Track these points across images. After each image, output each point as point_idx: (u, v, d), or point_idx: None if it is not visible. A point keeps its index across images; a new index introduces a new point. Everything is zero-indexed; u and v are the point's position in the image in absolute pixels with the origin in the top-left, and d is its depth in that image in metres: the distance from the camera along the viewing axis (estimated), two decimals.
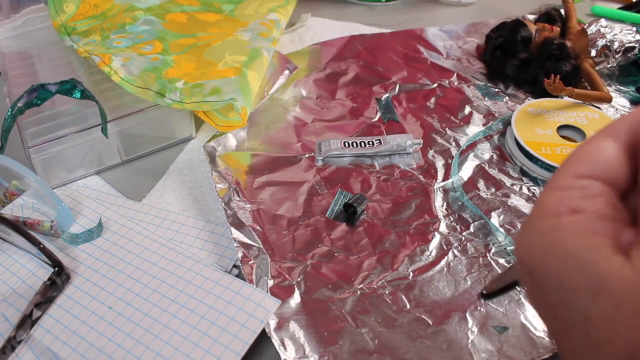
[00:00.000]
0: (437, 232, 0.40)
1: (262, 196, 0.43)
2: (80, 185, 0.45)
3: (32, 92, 0.42)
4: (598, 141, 0.21)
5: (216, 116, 0.46)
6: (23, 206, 0.42)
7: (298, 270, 0.38)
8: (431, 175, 0.45)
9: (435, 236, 0.40)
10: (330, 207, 0.42)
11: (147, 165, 0.48)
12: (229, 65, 0.48)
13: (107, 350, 0.33)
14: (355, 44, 0.61)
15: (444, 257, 0.39)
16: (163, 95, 0.45)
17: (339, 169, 0.46)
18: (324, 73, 0.57)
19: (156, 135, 0.48)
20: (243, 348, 0.32)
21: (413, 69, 0.58)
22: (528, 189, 0.44)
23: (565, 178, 0.20)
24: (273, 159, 0.47)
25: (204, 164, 0.47)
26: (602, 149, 0.21)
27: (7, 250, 0.39)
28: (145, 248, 0.39)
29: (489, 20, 0.66)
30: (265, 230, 0.40)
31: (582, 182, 0.20)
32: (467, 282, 0.37)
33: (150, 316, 0.34)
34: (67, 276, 0.37)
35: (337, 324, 0.34)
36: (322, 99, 0.54)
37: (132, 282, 0.37)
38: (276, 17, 0.57)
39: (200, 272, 0.37)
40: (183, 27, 0.55)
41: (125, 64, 0.47)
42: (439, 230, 0.40)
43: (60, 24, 0.53)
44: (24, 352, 0.33)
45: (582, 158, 0.21)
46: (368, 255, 0.39)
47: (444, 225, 0.41)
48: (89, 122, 0.44)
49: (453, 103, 0.53)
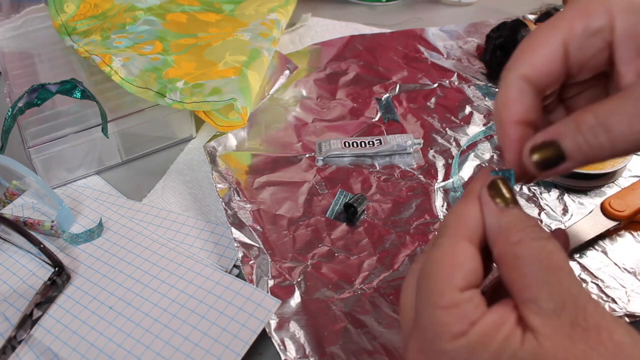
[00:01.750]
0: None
1: (262, 196, 0.43)
2: (81, 185, 0.45)
3: (32, 92, 0.42)
4: (463, 247, 0.23)
5: (216, 116, 0.46)
6: (23, 206, 0.42)
7: (298, 270, 0.38)
8: (431, 175, 0.45)
9: None
10: (330, 207, 0.42)
11: (147, 165, 0.48)
12: (230, 65, 0.48)
13: (107, 350, 0.33)
14: (355, 44, 0.61)
15: None
16: (163, 95, 0.45)
17: (339, 169, 0.46)
18: (324, 73, 0.57)
19: (156, 135, 0.48)
20: (243, 348, 0.32)
21: (413, 69, 0.58)
22: (528, 189, 0.44)
23: (451, 294, 0.22)
24: (273, 159, 0.47)
25: (204, 164, 0.47)
26: (467, 255, 0.23)
27: (7, 250, 0.39)
28: (145, 248, 0.39)
29: (489, 20, 0.66)
30: (266, 230, 0.40)
31: (467, 295, 0.22)
32: None
33: (151, 316, 0.34)
34: (68, 276, 0.37)
35: (337, 324, 0.34)
36: (323, 99, 0.54)
37: (133, 282, 0.37)
38: (276, 17, 0.57)
39: (200, 272, 0.37)
40: (183, 27, 0.55)
41: (126, 64, 0.47)
42: None
43: (60, 24, 0.53)
44: (24, 352, 0.33)
45: (458, 269, 0.23)
46: (368, 255, 0.39)
47: None
48: (89, 122, 0.44)
49: (453, 103, 0.53)
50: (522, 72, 0.25)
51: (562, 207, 0.43)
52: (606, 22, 0.24)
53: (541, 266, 0.21)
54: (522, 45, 0.26)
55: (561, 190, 0.44)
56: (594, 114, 0.23)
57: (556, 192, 0.44)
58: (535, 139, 0.24)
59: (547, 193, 0.44)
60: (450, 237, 0.24)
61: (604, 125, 0.22)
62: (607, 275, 0.37)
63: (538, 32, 0.25)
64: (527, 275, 0.21)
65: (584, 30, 0.24)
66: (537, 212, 0.42)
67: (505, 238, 0.23)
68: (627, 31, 0.23)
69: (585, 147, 0.23)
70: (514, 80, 0.25)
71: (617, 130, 0.22)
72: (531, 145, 0.24)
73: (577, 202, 0.43)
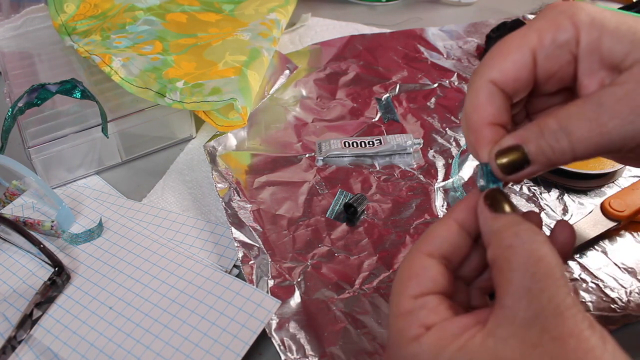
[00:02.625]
0: None
1: (262, 196, 0.43)
2: (81, 185, 0.45)
3: (32, 92, 0.42)
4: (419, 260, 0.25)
5: (216, 116, 0.46)
6: (23, 206, 0.42)
7: (298, 271, 0.38)
8: (431, 175, 0.45)
9: None
10: (330, 207, 0.42)
11: (147, 165, 0.48)
12: (229, 65, 0.48)
13: (107, 351, 0.33)
14: (355, 44, 0.61)
15: None
16: (163, 95, 0.45)
17: (339, 169, 0.46)
18: (324, 73, 0.57)
19: (156, 135, 0.48)
20: (243, 348, 0.32)
21: (413, 69, 0.58)
22: (528, 189, 0.44)
23: (405, 302, 0.24)
24: (273, 158, 0.47)
25: (204, 163, 0.47)
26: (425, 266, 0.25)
27: (7, 250, 0.39)
28: (145, 248, 0.39)
29: (489, 20, 0.66)
30: (266, 230, 0.40)
31: (420, 301, 0.24)
32: None
33: (151, 316, 0.34)
34: (68, 276, 0.37)
35: (337, 324, 0.34)
36: (323, 99, 0.54)
37: (133, 282, 0.37)
38: (276, 16, 0.57)
39: (200, 272, 0.37)
40: (183, 27, 0.55)
41: (126, 64, 0.47)
42: None
43: (60, 24, 0.53)
44: (24, 352, 0.33)
45: (412, 279, 0.24)
46: (368, 256, 0.39)
47: None
48: (89, 122, 0.44)
49: (453, 103, 0.53)
50: (491, 76, 0.26)
51: (562, 207, 0.42)
52: (572, 35, 0.25)
53: (527, 273, 0.22)
54: (492, 52, 0.26)
55: (561, 190, 0.44)
56: (556, 119, 0.24)
57: (556, 192, 0.44)
58: (501, 144, 0.25)
59: (547, 193, 0.44)
60: (410, 253, 0.26)
61: (565, 130, 0.23)
62: (607, 275, 0.37)
63: (508, 39, 0.26)
64: (512, 282, 0.22)
65: (552, 42, 0.25)
66: (537, 212, 0.42)
67: (498, 241, 0.23)
68: (590, 45, 0.24)
69: (548, 151, 0.24)
70: (483, 84, 0.26)
71: (577, 134, 0.23)
72: (497, 149, 0.25)
73: (577, 202, 0.43)
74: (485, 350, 0.21)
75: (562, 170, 0.43)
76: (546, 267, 0.22)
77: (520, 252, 0.22)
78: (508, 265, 0.22)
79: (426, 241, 0.26)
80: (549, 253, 0.22)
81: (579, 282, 0.37)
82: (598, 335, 0.20)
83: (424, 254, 0.25)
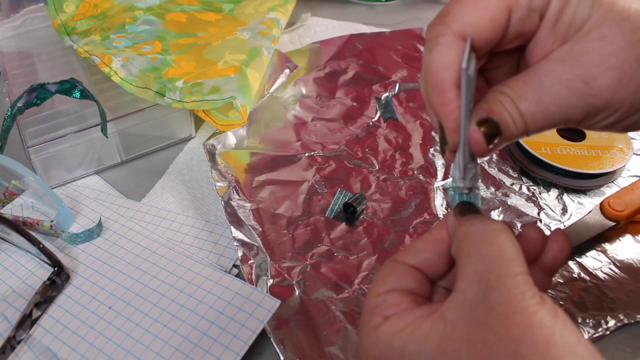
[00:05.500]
0: None
1: (261, 195, 0.43)
2: (80, 185, 0.45)
3: (31, 92, 0.42)
4: (391, 264, 0.26)
5: (216, 115, 0.46)
6: (23, 206, 0.42)
7: (298, 270, 0.38)
8: (431, 174, 0.45)
9: None
10: (329, 206, 0.42)
11: (146, 165, 0.48)
12: (229, 64, 0.48)
13: (106, 350, 0.33)
14: (355, 43, 0.61)
15: None
16: (163, 95, 0.45)
17: (338, 168, 0.46)
18: (323, 72, 0.57)
19: (156, 134, 0.48)
20: (243, 348, 0.32)
21: (413, 68, 0.58)
22: (528, 188, 0.44)
23: (371, 298, 0.26)
24: (272, 157, 0.47)
25: (204, 163, 0.47)
26: (394, 267, 0.26)
27: (6, 250, 0.39)
28: (144, 248, 0.39)
29: None
30: (265, 230, 0.40)
31: (382, 296, 0.25)
32: None
33: (150, 316, 0.34)
34: (67, 276, 0.37)
35: (336, 324, 0.34)
36: (322, 98, 0.54)
37: (132, 282, 0.37)
38: (276, 15, 0.57)
39: (199, 272, 0.37)
40: (183, 27, 0.55)
41: (125, 64, 0.47)
42: None
43: (60, 23, 0.53)
44: (23, 351, 0.33)
45: (380, 278, 0.26)
46: (368, 255, 0.39)
47: None
48: (89, 121, 0.44)
49: None
50: (460, 29, 0.24)
51: (562, 206, 0.42)
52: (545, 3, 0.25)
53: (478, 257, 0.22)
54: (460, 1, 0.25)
55: (560, 190, 0.44)
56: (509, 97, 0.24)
57: (555, 192, 0.44)
58: (479, 114, 0.25)
59: (546, 193, 0.44)
60: (385, 263, 0.27)
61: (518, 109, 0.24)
62: (607, 276, 0.37)
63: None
64: (466, 267, 0.22)
65: (528, 5, 0.25)
66: (537, 211, 0.42)
67: (458, 235, 0.24)
68: (554, 15, 0.24)
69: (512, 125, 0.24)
70: (454, 39, 0.24)
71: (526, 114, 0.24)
72: (477, 118, 0.25)
73: (577, 202, 0.43)
74: (436, 333, 0.22)
75: (562, 170, 0.43)
76: (497, 249, 0.22)
77: (473, 238, 0.23)
78: (463, 252, 0.23)
79: (402, 252, 0.27)
80: (503, 237, 0.23)
81: (578, 281, 0.37)
82: (548, 310, 0.20)
83: (397, 261, 0.26)
